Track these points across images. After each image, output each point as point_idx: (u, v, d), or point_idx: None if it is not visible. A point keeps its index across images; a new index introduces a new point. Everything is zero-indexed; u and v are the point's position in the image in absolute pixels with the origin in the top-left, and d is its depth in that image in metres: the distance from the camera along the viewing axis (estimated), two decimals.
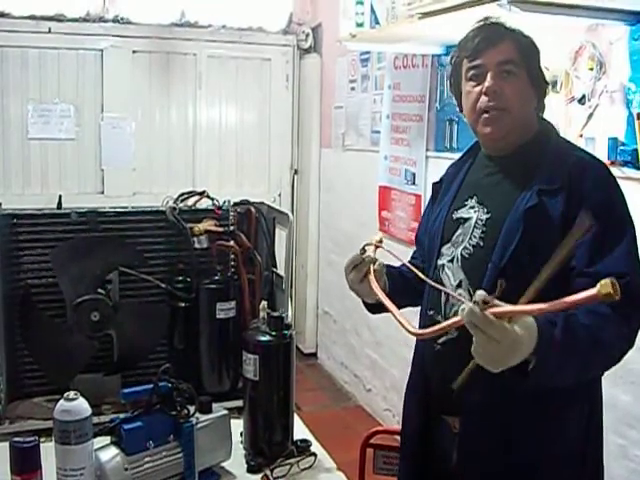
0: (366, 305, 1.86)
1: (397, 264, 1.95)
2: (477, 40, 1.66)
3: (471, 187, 1.76)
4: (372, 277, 1.70)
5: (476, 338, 1.27)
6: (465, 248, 1.68)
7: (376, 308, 1.79)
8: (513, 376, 1.34)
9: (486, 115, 1.65)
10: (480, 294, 1.26)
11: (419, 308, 1.85)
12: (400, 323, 1.44)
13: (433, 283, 1.59)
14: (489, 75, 1.63)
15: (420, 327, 1.80)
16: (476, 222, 1.68)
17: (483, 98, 1.64)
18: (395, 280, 1.84)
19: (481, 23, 1.70)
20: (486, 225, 1.66)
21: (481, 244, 1.65)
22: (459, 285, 1.67)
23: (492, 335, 1.25)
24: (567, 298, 1.21)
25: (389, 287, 1.80)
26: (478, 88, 1.65)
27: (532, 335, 1.30)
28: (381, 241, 1.79)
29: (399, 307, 1.81)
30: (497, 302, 1.27)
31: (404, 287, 1.86)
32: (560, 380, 1.42)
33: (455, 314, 1.64)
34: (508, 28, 1.68)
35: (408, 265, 1.74)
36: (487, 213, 1.67)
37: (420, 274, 1.63)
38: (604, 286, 1.14)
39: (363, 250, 1.75)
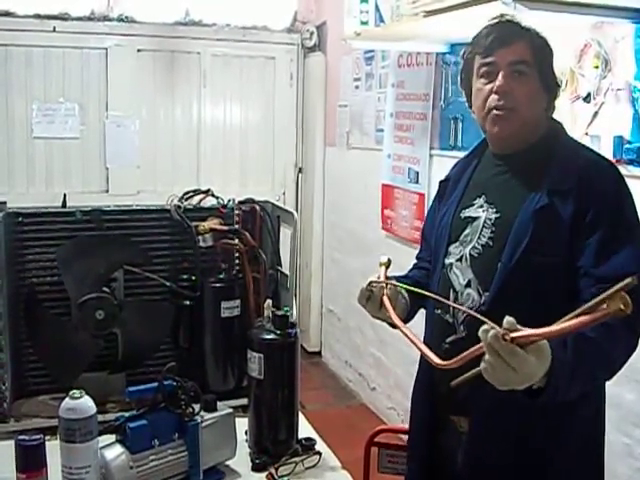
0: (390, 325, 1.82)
1: (407, 273, 1.96)
2: (491, 38, 1.65)
3: (479, 186, 1.75)
4: (387, 303, 1.67)
5: (492, 362, 1.24)
6: (474, 247, 1.67)
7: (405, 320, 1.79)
8: (522, 395, 1.32)
9: (495, 112, 1.64)
10: (509, 322, 1.21)
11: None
12: (424, 354, 1.40)
13: (439, 298, 1.57)
14: (500, 74, 1.62)
15: (428, 324, 1.81)
16: (485, 221, 1.67)
17: (493, 97, 1.63)
18: (415, 286, 1.80)
19: (496, 20, 1.69)
20: (495, 225, 1.65)
21: (490, 244, 1.64)
22: (468, 285, 1.66)
23: (510, 363, 1.22)
24: (582, 319, 1.16)
25: (410, 302, 1.79)
26: (489, 86, 1.64)
27: (546, 363, 1.27)
28: (389, 263, 1.78)
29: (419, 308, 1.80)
30: (520, 328, 1.22)
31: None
32: (567, 397, 1.41)
33: (464, 313, 1.64)
34: (523, 27, 1.66)
35: (411, 288, 1.68)
36: (496, 213, 1.66)
37: (424, 292, 1.60)
38: (615, 303, 1.10)
39: (370, 285, 1.73)
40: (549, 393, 1.32)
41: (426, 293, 1.63)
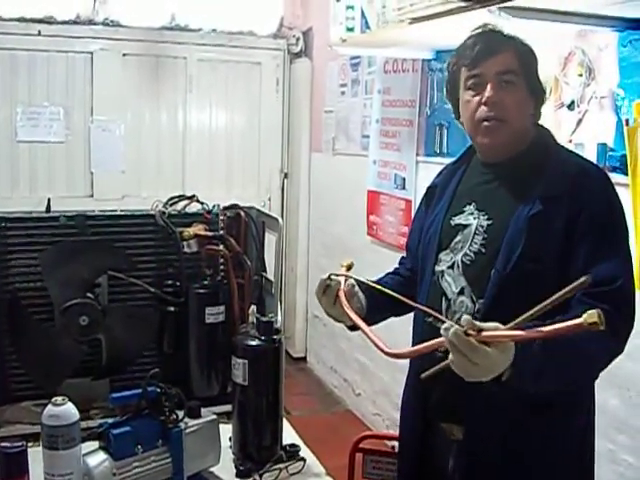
0: (348, 327, 1.81)
1: (379, 278, 1.95)
2: (477, 49, 1.64)
3: (468, 194, 1.75)
4: (342, 297, 1.69)
5: (455, 357, 1.29)
6: (466, 255, 1.67)
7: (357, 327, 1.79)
8: (489, 383, 1.35)
9: (486, 124, 1.64)
10: (466, 319, 1.28)
11: (412, 315, 1.83)
12: (373, 342, 1.44)
13: (413, 303, 1.58)
14: (489, 85, 1.62)
15: (417, 334, 1.79)
16: (477, 229, 1.67)
17: (482, 108, 1.64)
18: (374, 295, 1.78)
19: (480, 30, 1.69)
20: (487, 232, 1.65)
21: (483, 250, 1.64)
22: (461, 292, 1.66)
23: (472, 359, 1.27)
24: (553, 326, 1.22)
25: (368, 303, 1.79)
26: (477, 98, 1.64)
27: (509, 355, 1.31)
28: (351, 265, 1.78)
29: (382, 319, 1.82)
30: (481, 325, 1.28)
31: (384, 300, 1.75)
32: (539, 388, 1.43)
33: (458, 321, 1.65)
34: (507, 36, 1.67)
35: (387, 291, 1.66)
36: (488, 220, 1.66)
37: (400, 297, 1.59)
38: (590, 315, 1.16)
39: (328, 278, 1.74)
40: (514, 384, 1.35)
41: (388, 291, 1.63)
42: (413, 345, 1.77)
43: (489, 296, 1.59)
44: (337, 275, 1.75)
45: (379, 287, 1.71)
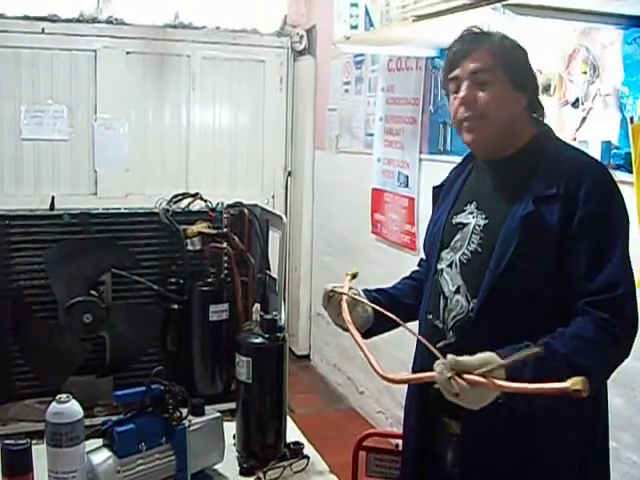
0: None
1: (387, 286, 1.95)
2: (453, 52, 1.68)
3: (470, 192, 1.76)
4: (345, 309, 1.68)
5: (443, 392, 1.35)
6: (464, 254, 1.67)
7: (367, 334, 1.79)
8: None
9: (466, 124, 1.66)
10: (450, 361, 1.33)
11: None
12: (370, 363, 1.46)
13: (408, 328, 1.57)
14: (464, 85, 1.64)
15: (420, 330, 1.79)
16: (474, 228, 1.67)
17: (460, 109, 1.65)
18: (382, 302, 1.79)
19: (461, 34, 1.71)
20: (484, 231, 1.65)
21: (479, 250, 1.64)
22: (457, 291, 1.67)
23: (458, 396, 1.32)
24: (538, 386, 1.27)
25: (374, 317, 1.78)
26: (457, 100, 1.66)
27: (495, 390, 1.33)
28: (356, 274, 1.78)
29: (392, 327, 1.80)
30: (464, 364, 1.32)
31: (393, 306, 1.76)
32: (537, 405, 1.43)
33: (453, 319, 1.65)
34: (485, 34, 1.67)
35: (382, 310, 1.65)
36: (485, 219, 1.66)
37: (392, 315, 1.59)
38: (576, 383, 1.21)
39: (331, 291, 1.74)
40: (508, 405, 1.37)
41: (384, 312, 1.62)
42: (418, 341, 1.79)
43: (482, 296, 1.60)
44: (340, 287, 1.74)
45: (373, 305, 1.71)
